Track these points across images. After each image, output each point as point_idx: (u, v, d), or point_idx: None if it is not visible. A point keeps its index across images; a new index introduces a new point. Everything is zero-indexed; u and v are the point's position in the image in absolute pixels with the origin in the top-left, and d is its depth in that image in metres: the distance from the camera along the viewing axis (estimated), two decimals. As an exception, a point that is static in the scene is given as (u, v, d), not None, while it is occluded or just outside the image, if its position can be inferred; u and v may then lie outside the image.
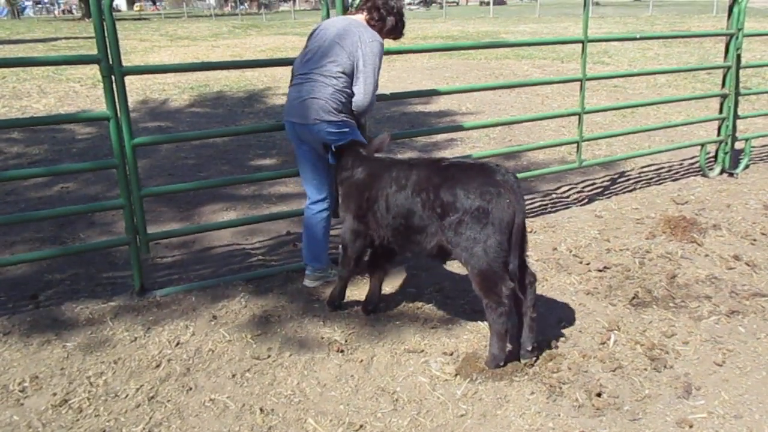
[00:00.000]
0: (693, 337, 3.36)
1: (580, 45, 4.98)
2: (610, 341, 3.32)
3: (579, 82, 5.20)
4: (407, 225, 3.11)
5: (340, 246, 3.54)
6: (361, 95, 3.55)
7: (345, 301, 3.71)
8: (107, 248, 4.24)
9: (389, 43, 3.84)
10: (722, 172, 6.29)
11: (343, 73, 3.51)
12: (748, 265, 4.25)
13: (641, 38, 5.31)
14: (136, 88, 12.14)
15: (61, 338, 3.37)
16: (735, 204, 5.44)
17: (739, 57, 5.91)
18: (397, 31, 3.76)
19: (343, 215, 3.48)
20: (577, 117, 5.32)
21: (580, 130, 5.25)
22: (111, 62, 3.46)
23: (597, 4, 50.65)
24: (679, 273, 4.13)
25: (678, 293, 3.87)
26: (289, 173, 4.25)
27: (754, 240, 4.66)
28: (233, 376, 3.03)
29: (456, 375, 2.99)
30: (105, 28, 3.40)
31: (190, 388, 2.94)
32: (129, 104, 3.60)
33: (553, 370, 3.02)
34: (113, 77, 3.49)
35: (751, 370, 3.05)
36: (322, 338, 3.35)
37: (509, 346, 3.06)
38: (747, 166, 6.43)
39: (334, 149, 3.48)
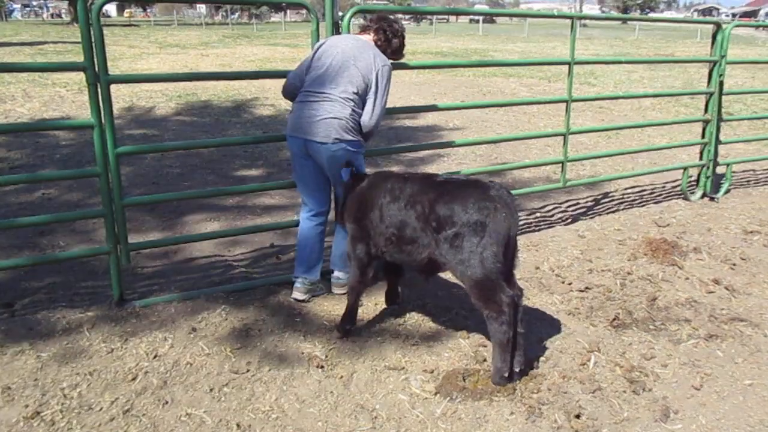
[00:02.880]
0: (672, 360, 3.38)
1: (567, 66, 5.03)
2: (590, 362, 3.32)
3: (565, 103, 5.25)
4: (399, 236, 3.16)
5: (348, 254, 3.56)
6: (370, 117, 3.63)
7: (326, 318, 3.69)
8: (87, 258, 4.18)
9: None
10: (704, 196, 6.37)
11: (357, 94, 3.58)
12: (728, 289, 4.29)
13: (627, 62, 5.39)
14: (123, 94, 12.07)
15: (36, 348, 3.31)
16: (715, 228, 5.51)
17: (721, 83, 6.02)
18: (399, 53, 3.91)
19: (346, 224, 3.54)
20: (562, 137, 5.36)
21: (565, 150, 5.30)
22: (97, 70, 3.44)
23: (584, 25, 51.45)
24: (660, 295, 4.16)
25: (658, 316, 3.90)
26: (274, 186, 4.24)
27: (734, 264, 4.71)
28: (211, 390, 2.99)
29: (436, 393, 2.98)
30: (92, 35, 3.38)
31: (167, 402, 2.89)
32: (115, 111, 3.58)
33: (533, 391, 3.02)
34: (99, 85, 3.47)
35: (729, 394, 3.07)
36: (302, 353, 3.33)
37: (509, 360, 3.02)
38: (728, 191, 6.53)
39: (354, 170, 3.55)
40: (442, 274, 4.25)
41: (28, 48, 22.71)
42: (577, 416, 2.84)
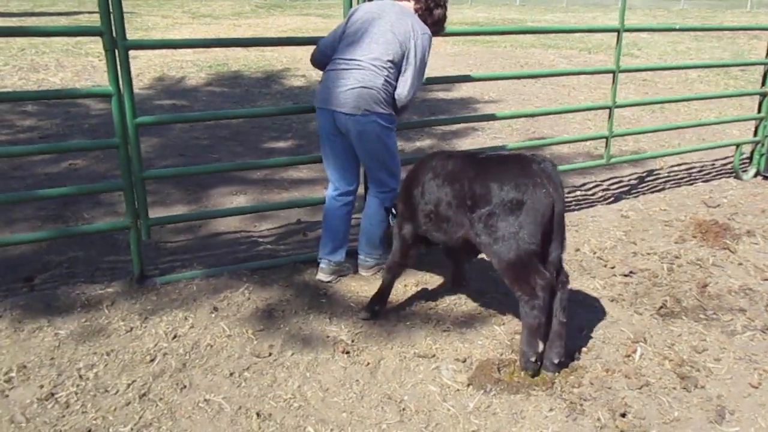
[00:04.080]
0: (725, 354, 3.12)
1: (610, 36, 4.67)
2: (636, 355, 3.08)
3: (611, 74, 4.90)
4: (436, 213, 3.05)
5: (393, 234, 3.44)
6: (406, 89, 3.39)
7: (353, 300, 3.51)
8: (109, 231, 4.06)
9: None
10: (757, 174, 5.97)
11: (392, 62, 3.33)
12: (786, 276, 3.97)
13: (680, 29, 4.99)
14: (154, 64, 11.96)
15: (54, 325, 3.20)
16: (770, 209, 5.15)
17: (782, 53, 5.57)
18: (440, 25, 3.62)
19: (398, 203, 3.41)
20: (606, 111, 5.02)
21: (610, 124, 4.97)
22: (114, 35, 3.26)
23: (626, -5, 49.58)
24: (711, 282, 3.86)
25: (709, 304, 3.61)
26: (303, 159, 4.04)
27: (792, 249, 4.38)
28: (231, 374, 2.85)
29: (468, 385, 2.78)
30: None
31: (185, 386, 2.76)
32: (145, 81, 3.43)
33: (573, 385, 2.80)
34: (117, 51, 3.29)
35: (791, 395, 2.80)
36: (328, 337, 3.16)
37: (540, 346, 2.84)
38: (783, 169, 6.10)
39: (394, 211, 3.47)
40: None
41: (64, 18, 22.78)
42: (623, 415, 2.61)
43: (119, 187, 3.53)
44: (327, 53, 3.52)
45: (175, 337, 3.13)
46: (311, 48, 3.64)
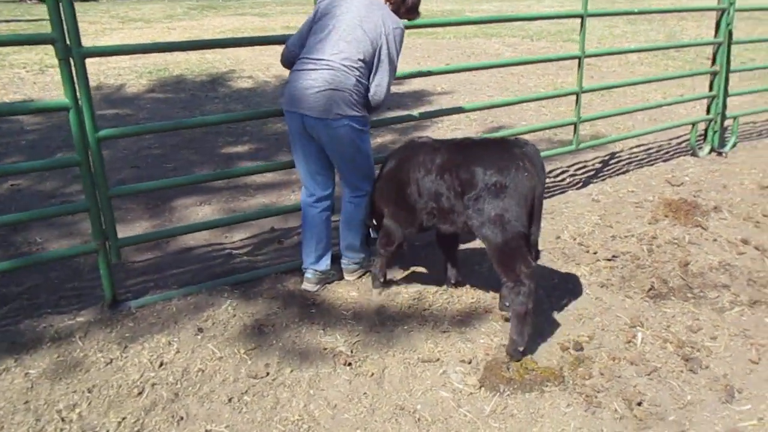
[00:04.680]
0: (720, 332, 3.15)
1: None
2: (637, 340, 3.07)
3: (570, 60, 4.91)
4: (439, 208, 3.08)
5: (382, 231, 3.44)
6: (382, 89, 3.22)
7: (344, 307, 3.38)
8: (74, 257, 3.77)
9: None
10: (711, 151, 6.14)
11: (363, 61, 3.14)
12: (758, 249, 4.07)
13: (639, 12, 5.06)
14: (90, 73, 11.34)
15: (23, 364, 2.93)
16: (731, 184, 5.29)
17: (730, 33, 5.72)
18: (414, 11, 3.43)
19: (382, 207, 3.40)
20: (572, 99, 5.04)
21: (578, 109, 4.99)
22: (69, 42, 3.00)
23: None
24: (691, 260, 3.92)
25: (694, 282, 3.66)
26: (276, 166, 3.84)
27: (758, 222, 4.49)
28: (230, 400, 2.67)
29: (480, 387, 2.70)
30: (61, 4, 2.94)
31: (181, 418, 2.57)
32: None
33: (584, 377, 2.76)
34: (72, 60, 3.04)
35: (791, 367, 2.85)
36: (325, 349, 3.01)
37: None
38: (734, 145, 6.30)
39: (372, 230, 3.55)
40: (458, 252, 3.98)
41: (2, 25, 21.55)
42: (639, 404, 2.58)
43: (84, 208, 3.27)
44: (296, 52, 3.33)
45: (161, 364, 2.92)
46: (264, 48, 3.47)
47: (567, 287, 3.61)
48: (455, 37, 15.28)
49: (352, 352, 2.98)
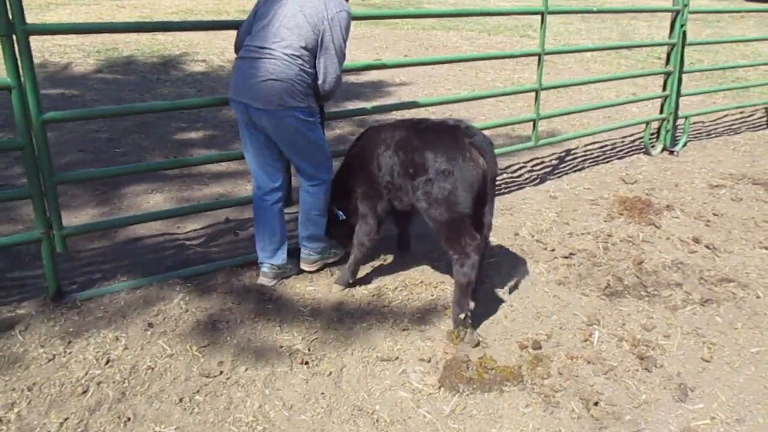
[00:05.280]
0: (673, 330, 3.21)
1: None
2: (594, 338, 3.10)
3: (534, 57, 4.92)
4: (392, 183, 3.19)
5: (360, 217, 3.41)
6: (328, 77, 3.10)
7: (302, 303, 3.30)
8: (15, 246, 3.56)
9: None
10: (664, 149, 6.28)
11: (306, 49, 3.00)
12: (708, 248, 4.17)
13: (598, 11, 5.10)
14: (33, 49, 10.86)
15: (-42, 360, 2.76)
16: (682, 183, 5.41)
17: (684, 34, 5.85)
18: None
19: (353, 187, 3.43)
20: (530, 95, 5.05)
21: (537, 107, 5.00)
22: (11, 18, 2.81)
23: (511, -23, 51.27)
24: (645, 258, 3.99)
25: (648, 280, 3.72)
26: (234, 155, 3.69)
27: (708, 221, 4.61)
28: (180, 400, 2.56)
29: (440, 387, 2.67)
30: (2, -25, 2.74)
31: (128, 419, 2.45)
32: None
33: (543, 376, 2.76)
34: (15, 37, 2.84)
35: (740, 365, 2.92)
36: (281, 347, 2.93)
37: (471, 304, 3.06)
38: (685, 144, 6.46)
39: (338, 209, 3.53)
40: (419, 248, 3.95)
41: None
42: (596, 403, 2.60)
43: (27, 194, 3.08)
44: (243, 39, 3.20)
45: (108, 362, 2.78)
46: (218, 32, 3.32)
47: (525, 284, 3.62)
48: (413, 29, 15.24)
49: (309, 350, 2.91)
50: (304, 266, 3.58)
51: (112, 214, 4.43)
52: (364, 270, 3.64)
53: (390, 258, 3.83)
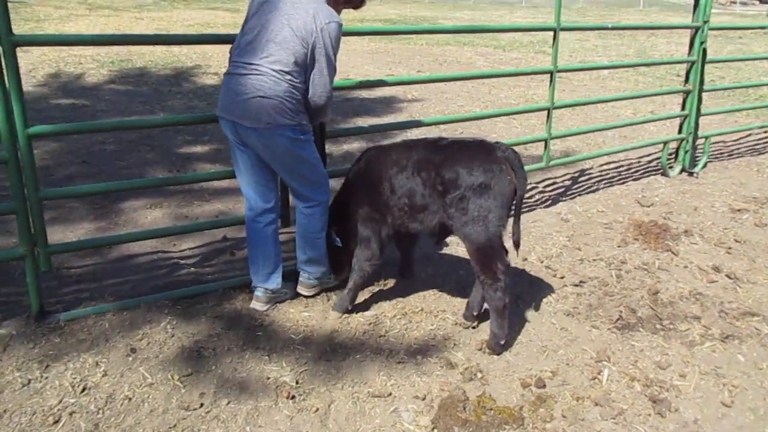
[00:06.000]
0: (690, 369, 2.99)
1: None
2: (603, 376, 2.89)
3: (546, 74, 4.75)
4: (411, 204, 3.09)
5: (360, 242, 3.27)
6: (318, 91, 2.94)
7: (294, 330, 3.14)
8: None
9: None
10: (682, 170, 6.05)
11: (296, 63, 2.84)
12: (730, 277, 3.95)
13: (613, 28, 4.92)
14: (49, 59, 10.93)
15: (-73, 384, 2.62)
16: (701, 207, 5.19)
17: (704, 51, 5.64)
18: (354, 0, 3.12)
19: (354, 210, 3.27)
20: (543, 113, 4.88)
21: (549, 126, 4.82)
22: (-3, 30, 2.70)
23: (530, -7, 51.18)
24: (661, 288, 3.77)
25: (664, 312, 3.51)
26: (228, 173, 3.55)
27: (729, 248, 4.38)
28: (156, 435, 2.40)
29: (433, 429, 2.48)
30: (-13, -15, 2.64)
31: (99, 455, 2.29)
32: (40, 78, 2.89)
33: (545, 419, 2.56)
34: (1, 49, 2.74)
35: (765, 412, 2.69)
36: (268, 379, 2.76)
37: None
38: (705, 165, 6.23)
39: (335, 234, 3.38)
40: (421, 273, 3.78)
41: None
42: (603, 451, 2.40)
43: (11, 210, 2.96)
44: (233, 55, 3.05)
45: (84, 389, 2.63)
46: (220, 46, 3.18)
47: (532, 315, 3.42)
48: (428, 44, 15.16)
49: (297, 383, 2.73)
50: (301, 290, 3.41)
51: (108, 230, 4.31)
52: (362, 295, 3.46)
53: (390, 283, 3.65)
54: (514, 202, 3.01)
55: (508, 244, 3.13)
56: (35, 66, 10.34)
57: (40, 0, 25.96)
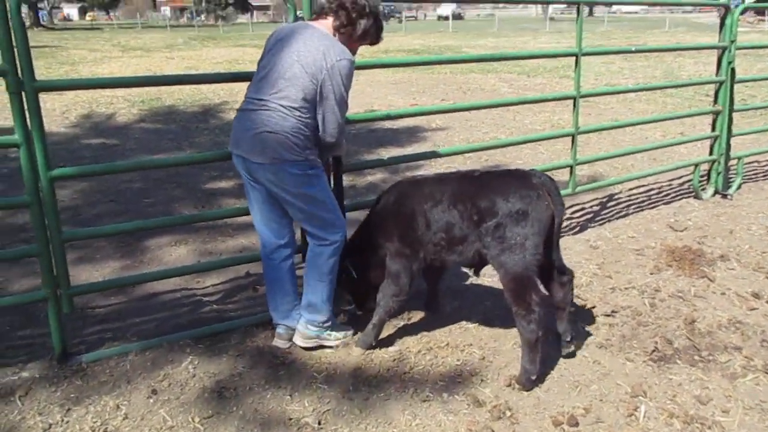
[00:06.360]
0: (733, 404, 2.83)
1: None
2: (639, 413, 2.75)
3: (570, 99, 4.68)
4: (449, 238, 3.03)
5: (389, 277, 3.18)
6: (330, 128, 2.92)
7: (316, 368, 3.07)
8: (20, 305, 3.47)
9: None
10: (715, 193, 5.88)
11: (305, 100, 2.83)
12: (770, 304, 3.77)
13: (637, 51, 4.85)
14: (81, 100, 11.26)
15: (-50, 429, 2.63)
16: (737, 230, 5.01)
17: (733, 71, 5.52)
18: (371, 36, 3.06)
19: (382, 245, 3.20)
20: (568, 138, 4.79)
21: (574, 152, 4.74)
22: (21, 75, 2.76)
23: (552, 19, 51.46)
24: (698, 317, 3.61)
25: (702, 343, 3.35)
26: (233, 211, 3.53)
27: (769, 273, 4.20)
28: (175, 481, 2.35)
29: (461, 472, 2.38)
30: (12, 33, 2.70)
31: (117, 503, 2.24)
32: (72, 118, 2.93)
33: (580, 460, 2.44)
34: (24, 94, 2.79)
35: (815, 450, 2.52)
36: (290, 419, 2.69)
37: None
38: (739, 186, 6.04)
39: (351, 267, 3.30)
40: (446, 306, 3.70)
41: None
42: (643, 495, 2.26)
43: (34, 253, 2.99)
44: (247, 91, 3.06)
45: (105, 433, 2.60)
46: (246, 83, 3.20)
47: (563, 348, 3.29)
48: (452, 73, 15.22)
49: (319, 423, 2.65)
50: (296, 339, 3.20)
51: (134, 268, 4.34)
52: (386, 330, 3.39)
53: (414, 317, 3.58)
54: (553, 229, 2.95)
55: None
56: (68, 107, 10.66)
57: (75, 43, 26.93)
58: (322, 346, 3.22)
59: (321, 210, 3.03)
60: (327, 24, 2.97)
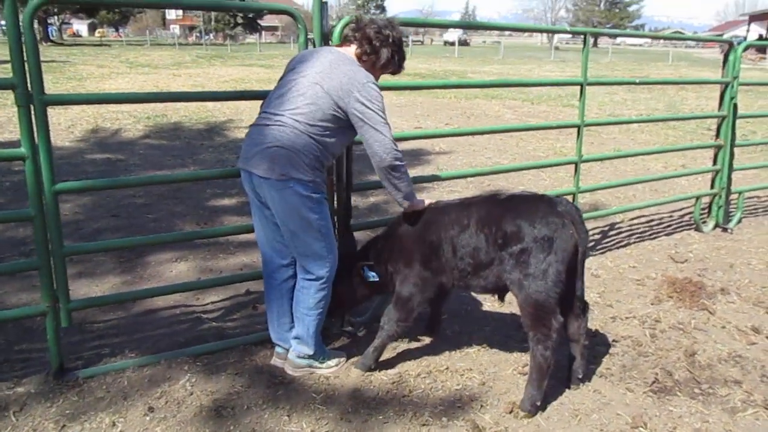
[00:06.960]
0: (733, 438, 2.81)
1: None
2: (639, 445, 2.73)
3: (574, 128, 4.72)
4: (475, 264, 3.02)
5: (398, 301, 3.16)
6: (379, 149, 2.84)
7: (315, 388, 3.05)
8: (18, 319, 3.45)
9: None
10: (716, 226, 5.88)
11: (323, 120, 2.82)
12: (770, 339, 3.76)
13: (641, 83, 4.90)
14: (87, 116, 11.34)
15: (-56, 442, 2.60)
16: (737, 264, 5.01)
17: (735, 106, 5.56)
18: (394, 65, 3.08)
19: (402, 270, 3.17)
20: (571, 165, 4.82)
21: (576, 180, 4.76)
22: (30, 89, 2.79)
23: (557, 48, 52.00)
24: (698, 349, 3.60)
25: (702, 375, 3.33)
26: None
27: (769, 308, 4.19)
28: (168, 502, 2.32)
29: (458, 499, 2.35)
30: (24, 47, 2.74)
31: None
32: (78, 133, 2.94)
33: (578, 491, 2.41)
34: (32, 107, 2.81)
35: (816, 488, 2.50)
36: (287, 440, 2.67)
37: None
38: (740, 220, 6.05)
39: (367, 269, 3.24)
40: (446, 329, 3.68)
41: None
42: None
43: (35, 266, 2.99)
44: (262, 106, 3.07)
45: (99, 450, 2.57)
46: (242, 103, 3.22)
47: (563, 377, 3.27)
48: (456, 98, 15.33)
49: (316, 445, 2.63)
50: (287, 368, 3.18)
51: (134, 284, 4.33)
52: (386, 353, 3.37)
53: (415, 340, 3.56)
54: (577, 258, 2.92)
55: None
56: (74, 122, 10.72)
57: (84, 59, 27.19)
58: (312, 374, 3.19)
59: (314, 239, 2.95)
60: (351, 51, 3.00)
